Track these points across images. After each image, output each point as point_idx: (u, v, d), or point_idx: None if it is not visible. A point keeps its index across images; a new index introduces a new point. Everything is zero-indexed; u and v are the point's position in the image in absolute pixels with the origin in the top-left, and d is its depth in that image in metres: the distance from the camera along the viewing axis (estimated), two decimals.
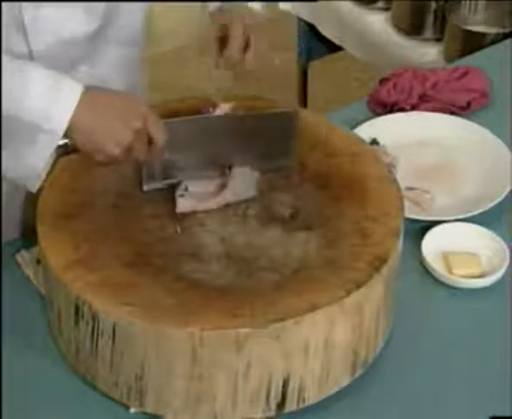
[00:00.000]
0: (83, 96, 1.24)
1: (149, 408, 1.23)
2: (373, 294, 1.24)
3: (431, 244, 1.50)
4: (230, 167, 1.39)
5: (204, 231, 1.32)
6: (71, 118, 1.23)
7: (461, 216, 1.55)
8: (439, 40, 2.47)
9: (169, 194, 1.37)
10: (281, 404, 1.22)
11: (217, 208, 1.35)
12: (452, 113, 1.82)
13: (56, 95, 1.24)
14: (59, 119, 1.23)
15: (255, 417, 1.22)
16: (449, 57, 2.36)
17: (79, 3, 1.38)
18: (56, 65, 1.36)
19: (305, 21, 2.87)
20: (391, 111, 1.82)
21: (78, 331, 1.23)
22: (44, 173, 1.31)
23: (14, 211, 1.50)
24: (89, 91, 1.25)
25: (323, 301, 1.18)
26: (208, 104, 1.42)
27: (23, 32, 1.35)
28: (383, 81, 1.89)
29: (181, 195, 1.36)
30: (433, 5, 2.47)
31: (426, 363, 1.34)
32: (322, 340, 1.20)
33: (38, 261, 1.38)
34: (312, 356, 1.20)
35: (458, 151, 1.72)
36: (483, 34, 2.33)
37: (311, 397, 1.24)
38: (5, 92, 1.22)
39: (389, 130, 1.73)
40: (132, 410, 1.24)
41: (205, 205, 1.35)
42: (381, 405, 1.28)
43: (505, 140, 1.71)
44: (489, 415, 1.25)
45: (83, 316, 1.20)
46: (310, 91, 3.11)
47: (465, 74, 1.90)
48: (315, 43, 2.91)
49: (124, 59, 1.52)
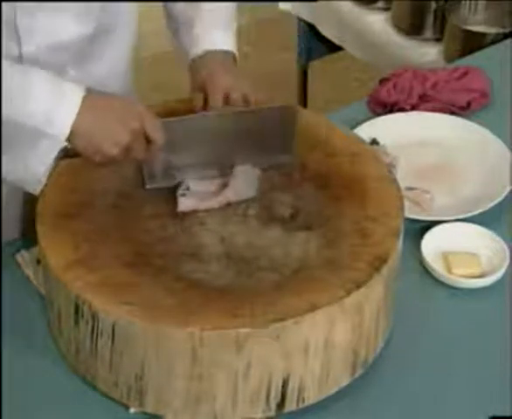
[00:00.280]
0: (84, 100, 1.24)
1: (149, 408, 1.23)
2: (373, 294, 1.24)
3: (431, 244, 1.50)
4: (231, 166, 1.39)
5: (204, 231, 1.32)
6: (73, 122, 1.23)
7: (461, 216, 1.55)
8: (439, 40, 2.47)
9: (169, 194, 1.37)
10: (281, 404, 1.22)
11: (218, 207, 1.35)
12: (452, 113, 1.82)
13: (58, 99, 1.23)
14: (62, 123, 1.23)
15: (255, 417, 1.22)
16: (449, 57, 2.36)
17: (72, 7, 1.37)
18: (46, 69, 1.35)
19: (305, 21, 2.86)
20: (391, 111, 1.82)
21: (78, 331, 1.23)
22: (44, 177, 1.31)
23: (14, 211, 1.50)
24: (89, 94, 1.25)
25: (323, 301, 1.18)
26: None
27: (15, 34, 1.34)
28: (383, 81, 1.89)
29: (182, 194, 1.35)
30: (433, 5, 2.47)
31: (426, 363, 1.34)
32: (322, 340, 1.20)
33: (38, 261, 1.38)
34: (312, 356, 1.20)
35: (458, 151, 1.72)
36: (483, 34, 2.33)
37: (311, 397, 1.24)
38: (6, 96, 1.22)
39: (389, 130, 1.73)
40: (132, 410, 1.24)
41: (207, 204, 1.35)
42: (381, 405, 1.28)
43: (505, 140, 1.71)
44: (489, 415, 1.25)
45: (83, 316, 1.20)
46: (310, 91, 3.11)
47: (465, 74, 1.90)
48: (315, 43, 2.91)
49: (117, 63, 1.51)
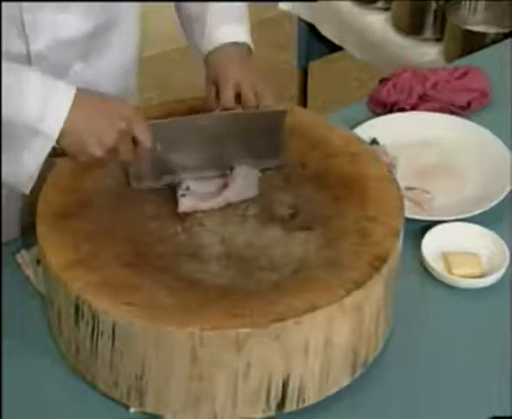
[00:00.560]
0: (75, 99, 1.25)
1: (149, 408, 1.23)
2: (373, 294, 1.24)
3: (431, 244, 1.49)
4: (231, 167, 1.39)
5: (204, 231, 1.32)
6: (65, 119, 1.24)
7: (461, 216, 1.55)
8: (439, 40, 2.47)
9: (169, 194, 1.37)
10: (281, 404, 1.22)
11: (218, 207, 1.35)
12: (452, 113, 1.82)
13: (50, 97, 1.24)
14: (54, 120, 1.24)
15: (255, 417, 1.22)
16: (449, 57, 2.36)
17: (77, 3, 1.38)
18: (53, 65, 1.37)
19: (305, 21, 2.86)
20: (391, 111, 1.82)
21: (78, 331, 1.23)
22: (36, 175, 1.31)
23: (14, 211, 1.50)
24: (80, 93, 1.26)
25: (323, 301, 1.18)
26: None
27: (22, 32, 1.35)
28: (382, 81, 1.89)
29: (182, 194, 1.35)
30: (433, 5, 2.47)
31: (426, 363, 1.34)
32: (322, 340, 1.20)
33: (38, 261, 1.38)
34: (312, 356, 1.20)
35: (458, 151, 1.72)
36: (483, 34, 2.33)
37: (311, 397, 1.24)
38: (2, 95, 1.23)
39: (389, 130, 1.73)
40: (132, 410, 1.24)
41: (207, 205, 1.35)
42: (381, 405, 1.28)
43: (505, 140, 1.71)
44: (489, 415, 1.25)
45: (83, 316, 1.20)
46: (310, 91, 3.11)
47: (465, 74, 1.90)
48: (315, 43, 2.91)
49: (122, 58, 1.52)
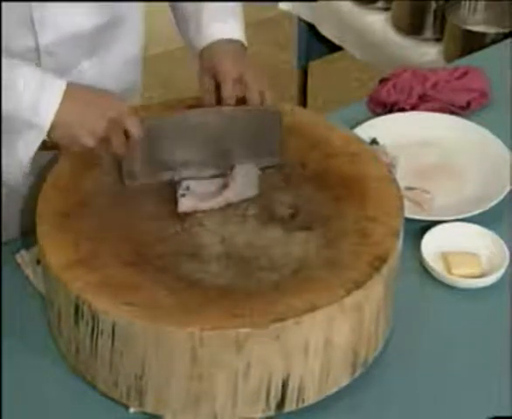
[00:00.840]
0: (65, 91, 1.27)
1: (149, 408, 1.23)
2: (373, 294, 1.24)
3: (430, 244, 1.49)
4: (231, 166, 1.39)
5: (204, 231, 1.32)
6: (56, 111, 1.26)
7: (461, 216, 1.55)
8: (439, 40, 2.47)
9: (169, 194, 1.37)
10: (281, 404, 1.22)
11: (218, 207, 1.35)
12: (452, 113, 1.82)
13: (42, 91, 1.26)
14: (46, 112, 1.26)
15: (255, 417, 1.22)
16: (449, 57, 2.36)
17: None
18: (61, 62, 1.38)
19: (305, 21, 2.87)
20: (391, 111, 1.82)
21: (77, 331, 1.23)
22: (27, 167, 1.32)
23: (14, 211, 1.50)
24: (71, 86, 1.28)
25: (323, 301, 1.18)
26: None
27: (31, 28, 1.36)
28: (382, 81, 1.89)
29: (182, 194, 1.35)
30: (433, 5, 2.47)
31: (426, 363, 1.34)
32: (322, 340, 1.20)
33: (38, 261, 1.38)
34: (312, 356, 1.20)
35: (458, 151, 1.72)
36: (483, 34, 2.33)
37: (311, 397, 1.24)
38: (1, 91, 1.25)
39: (389, 130, 1.73)
40: (132, 410, 1.24)
41: (207, 205, 1.35)
42: (381, 405, 1.28)
43: (505, 140, 1.71)
44: (489, 415, 1.25)
45: (83, 316, 1.20)
46: (310, 91, 3.11)
47: (465, 74, 1.90)
48: (315, 43, 2.91)
49: (129, 54, 1.54)
